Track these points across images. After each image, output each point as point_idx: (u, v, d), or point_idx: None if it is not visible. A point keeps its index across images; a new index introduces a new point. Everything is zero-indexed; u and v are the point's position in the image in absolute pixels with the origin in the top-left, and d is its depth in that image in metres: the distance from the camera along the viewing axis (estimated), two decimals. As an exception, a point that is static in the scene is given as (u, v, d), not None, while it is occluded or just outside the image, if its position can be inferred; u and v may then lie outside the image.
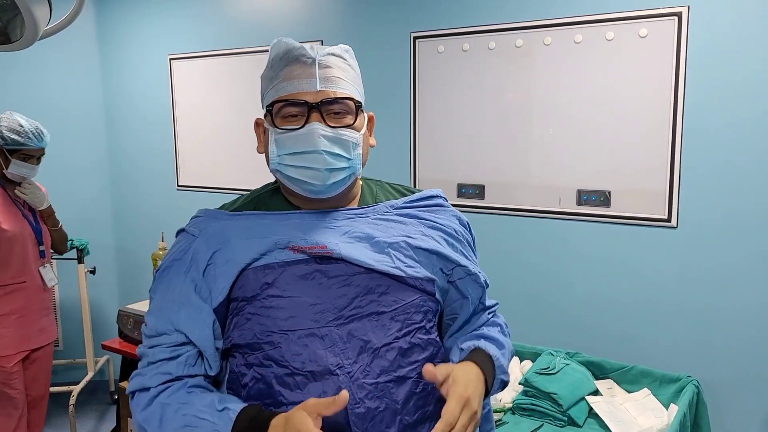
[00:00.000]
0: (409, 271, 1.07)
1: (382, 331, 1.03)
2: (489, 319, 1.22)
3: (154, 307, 1.08)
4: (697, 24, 2.10)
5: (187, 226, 1.15)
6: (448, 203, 1.23)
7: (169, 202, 3.69)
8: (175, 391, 1.02)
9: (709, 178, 2.14)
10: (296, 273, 1.04)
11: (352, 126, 1.07)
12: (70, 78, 3.80)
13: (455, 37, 2.57)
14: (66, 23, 1.59)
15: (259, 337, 1.01)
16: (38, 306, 2.62)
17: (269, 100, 1.08)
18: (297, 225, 1.08)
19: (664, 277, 2.25)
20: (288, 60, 1.05)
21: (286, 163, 1.05)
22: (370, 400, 0.98)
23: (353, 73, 1.10)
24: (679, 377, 2.15)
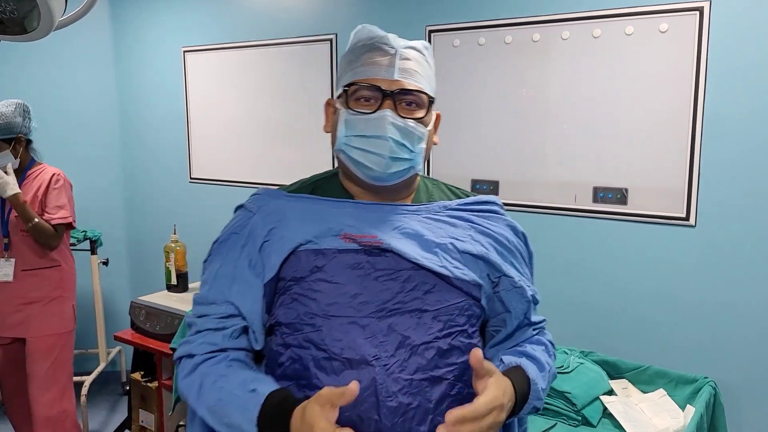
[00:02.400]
0: (456, 272, 1.07)
1: (422, 329, 1.03)
2: (533, 336, 1.19)
3: (208, 277, 1.13)
4: (719, 19, 2.06)
5: (246, 203, 1.18)
6: (504, 211, 1.21)
7: (181, 194, 3.70)
8: (216, 362, 1.04)
9: (729, 176, 2.10)
10: (346, 261, 1.06)
11: (422, 120, 1.09)
12: (84, 69, 3.82)
13: (471, 31, 2.54)
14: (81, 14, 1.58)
15: (303, 318, 1.04)
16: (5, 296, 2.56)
17: (346, 81, 1.09)
18: (350, 214, 1.10)
19: (682, 276, 2.22)
20: (370, 47, 1.08)
21: (353, 144, 1.07)
22: (403, 396, 0.99)
23: (429, 70, 1.12)
24: (696, 378, 2.12)
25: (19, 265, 2.56)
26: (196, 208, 3.63)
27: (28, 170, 2.61)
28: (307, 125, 3.10)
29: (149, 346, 2.81)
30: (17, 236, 2.55)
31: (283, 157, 3.22)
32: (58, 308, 2.65)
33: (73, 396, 2.76)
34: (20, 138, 2.55)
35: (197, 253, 3.41)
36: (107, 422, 3.43)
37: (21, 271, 2.57)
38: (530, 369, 1.08)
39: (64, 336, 2.68)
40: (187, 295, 3.05)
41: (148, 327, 2.87)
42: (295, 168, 3.17)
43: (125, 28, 3.81)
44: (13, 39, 1.47)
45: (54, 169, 2.65)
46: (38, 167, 2.64)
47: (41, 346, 2.62)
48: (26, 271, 2.57)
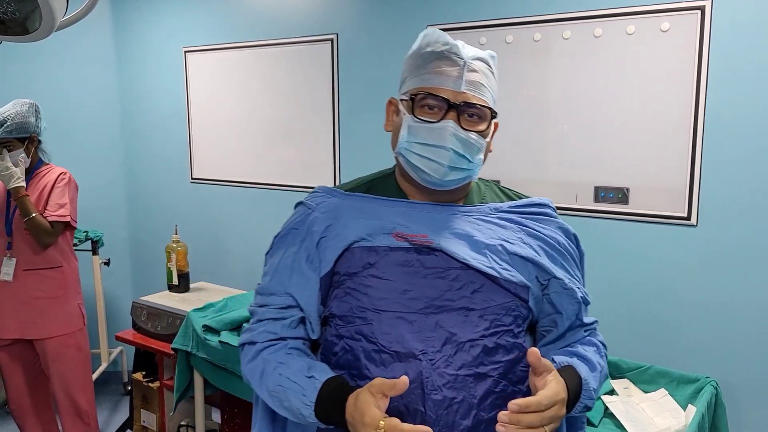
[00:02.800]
0: (504, 273, 1.10)
1: (469, 327, 1.07)
2: (584, 337, 1.20)
3: (269, 269, 1.20)
4: (721, 18, 2.05)
5: (306, 200, 1.23)
6: (556, 214, 1.22)
7: (182, 194, 3.70)
8: (277, 350, 1.13)
9: (730, 175, 2.10)
10: (397, 259, 1.10)
11: (483, 132, 1.12)
12: (85, 70, 3.82)
13: (472, 30, 2.54)
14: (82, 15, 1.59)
15: (354, 311, 1.10)
16: (5, 296, 2.56)
17: (411, 87, 1.11)
18: (403, 213, 1.14)
19: (683, 276, 2.22)
20: (439, 55, 1.09)
21: (414, 150, 1.10)
22: (448, 390, 1.03)
23: (494, 82, 1.14)
24: (697, 378, 2.12)
25: (21, 264, 2.56)
26: (197, 209, 3.63)
27: (36, 170, 2.62)
28: (308, 125, 3.10)
29: (151, 346, 2.82)
30: (20, 235, 2.55)
31: (285, 157, 3.22)
32: (60, 308, 2.65)
33: (92, 394, 2.79)
34: (33, 138, 2.57)
35: (199, 253, 3.43)
36: (109, 422, 3.44)
37: (22, 271, 2.57)
38: (582, 369, 1.10)
39: (74, 335, 2.69)
40: (188, 296, 3.05)
41: (150, 327, 2.87)
42: (297, 168, 3.17)
43: (127, 28, 3.81)
44: (15, 40, 1.48)
45: (60, 169, 2.65)
46: (45, 167, 2.65)
47: (51, 347, 2.63)
48: (27, 271, 2.57)
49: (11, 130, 2.45)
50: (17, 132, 2.48)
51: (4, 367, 2.67)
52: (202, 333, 2.46)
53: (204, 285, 3.27)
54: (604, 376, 1.17)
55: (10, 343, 2.63)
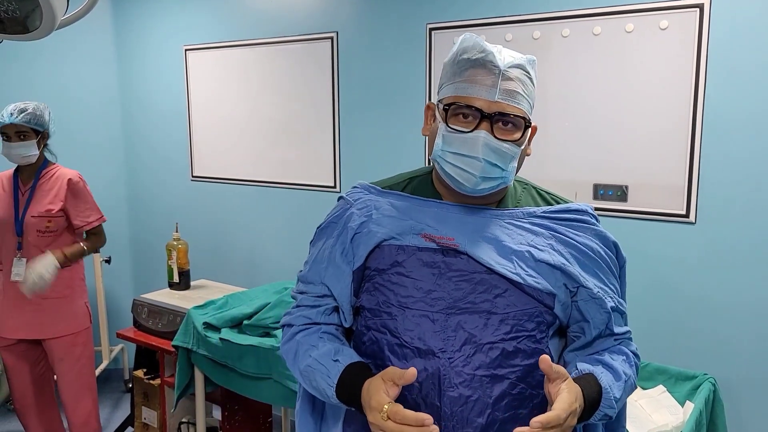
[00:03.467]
0: (528, 279, 1.09)
1: (489, 330, 1.09)
2: (614, 346, 1.18)
3: (310, 258, 1.27)
4: (720, 15, 2.06)
5: (346, 194, 1.27)
6: (596, 220, 1.20)
7: (183, 193, 3.71)
8: (310, 333, 1.20)
9: (728, 173, 2.11)
10: (423, 259, 1.13)
11: (517, 141, 1.12)
12: (86, 68, 3.83)
13: (471, 28, 2.54)
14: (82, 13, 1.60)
15: (381, 306, 1.15)
16: (15, 296, 2.57)
17: (447, 94, 1.11)
18: (434, 214, 1.16)
19: (682, 273, 2.22)
20: (475, 62, 1.08)
21: (447, 159, 1.10)
22: (464, 388, 1.07)
23: (531, 88, 1.13)
24: (696, 375, 2.13)
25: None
26: (197, 207, 3.64)
27: (43, 169, 2.63)
28: (308, 123, 3.11)
29: (152, 343, 2.83)
30: (32, 236, 2.56)
31: (285, 155, 3.23)
32: (68, 308, 2.67)
33: (96, 392, 2.82)
34: (45, 134, 2.61)
35: (199, 251, 3.44)
36: (110, 419, 3.45)
37: None
38: (603, 377, 1.08)
39: (81, 334, 2.71)
40: (189, 293, 3.06)
41: (151, 324, 2.88)
42: (297, 166, 3.18)
43: (127, 26, 3.82)
44: (16, 38, 1.49)
45: (70, 171, 2.67)
46: (53, 167, 2.66)
47: (59, 346, 2.65)
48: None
49: (29, 119, 2.50)
50: (34, 122, 2.52)
51: (10, 367, 2.68)
52: (203, 330, 2.47)
53: (204, 282, 3.28)
54: (630, 385, 1.16)
55: (17, 342, 2.64)
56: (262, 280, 3.28)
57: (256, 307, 2.55)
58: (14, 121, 2.46)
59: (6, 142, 2.50)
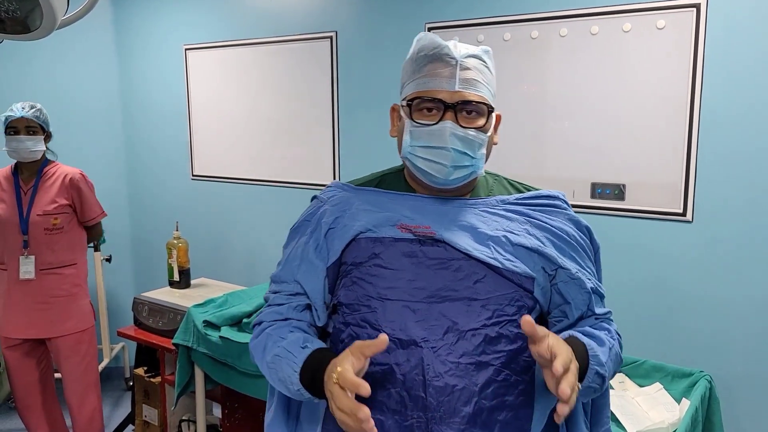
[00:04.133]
0: (506, 263, 1.11)
1: (471, 317, 1.08)
2: (597, 323, 1.19)
3: (284, 259, 1.26)
4: (716, 15, 2.07)
5: (320, 194, 1.29)
6: (567, 206, 1.22)
7: (183, 191, 3.72)
8: (280, 327, 1.18)
9: (725, 172, 2.12)
10: (401, 250, 1.13)
11: (482, 128, 1.13)
12: (86, 68, 3.84)
13: (470, 28, 2.56)
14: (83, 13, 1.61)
15: (360, 300, 1.13)
16: (21, 295, 2.60)
17: (409, 92, 1.14)
18: (409, 206, 1.18)
19: (679, 271, 2.24)
20: (432, 57, 1.11)
21: (417, 153, 1.13)
22: (449, 377, 1.05)
23: (490, 76, 1.15)
24: (692, 372, 2.14)
25: (38, 264, 2.59)
26: (198, 205, 3.65)
27: (44, 167, 2.66)
28: (308, 122, 3.12)
29: (152, 341, 2.84)
30: (39, 234, 2.58)
31: (285, 154, 3.24)
32: (75, 306, 2.69)
33: (100, 391, 2.85)
34: (49, 135, 2.66)
35: (199, 249, 3.45)
36: (111, 417, 3.46)
37: (40, 271, 2.60)
38: (586, 339, 1.08)
39: (87, 332, 2.74)
40: (189, 292, 3.07)
41: (151, 323, 2.89)
42: (297, 165, 3.19)
43: (127, 26, 3.83)
44: (16, 38, 1.50)
45: (72, 169, 2.70)
46: (53, 165, 2.69)
47: (65, 345, 2.67)
48: (44, 271, 2.61)
49: (38, 115, 2.58)
50: (42, 119, 2.59)
51: (14, 366, 2.69)
52: (203, 328, 2.48)
53: (204, 281, 3.29)
54: (616, 354, 1.15)
55: (22, 342, 2.66)
56: (261, 278, 3.30)
57: (256, 306, 2.57)
58: (26, 115, 2.53)
59: (14, 137, 2.53)
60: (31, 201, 2.58)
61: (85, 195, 2.69)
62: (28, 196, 2.59)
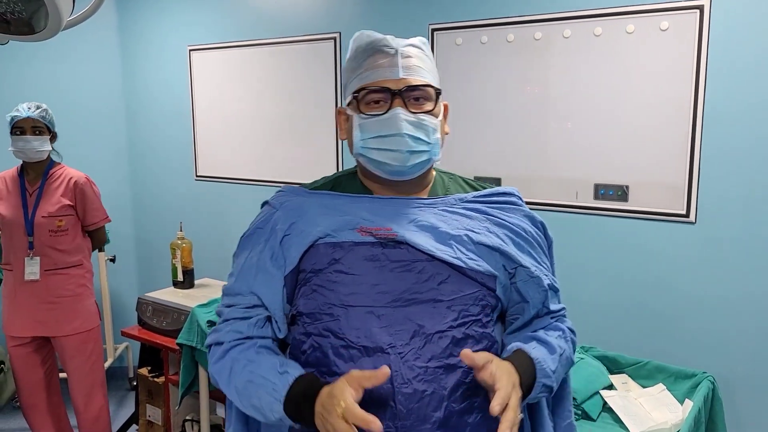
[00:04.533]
0: (470, 263, 1.10)
1: (437, 319, 1.06)
2: (551, 323, 1.19)
3: (236, 270, 1.19)
4: (719, 17, 2.07)
5: (271, 199, 1.24)
6: (522, 202, 1.23)
7: (187, 192, 3.73)
8: (245, 349, 1.11)
9: (728, 173, 2.12)
10: (362, 254, 1.10)
11: (432, 112, 1.13)
12: (90, 69, 3.85)
13: (473, 29, 2.56)
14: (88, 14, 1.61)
15: (322, 308, 1.09)
16: (27, 295, 2.61)
17: (354, 88, 1.13)
18: (367, 208, 1.15)
19: (682, 272, 2.24)
20: (371, 51, 1.11)
21: (370, 146, 1.11)
22: (418, 383, 1.02)
23: (430, 63, 1.15)
24: (695, 373, 2.14)
25: (44, 265, 2.60)
26: (201, 206, 3.66)
27: (50, 169, 2.68)
28: (311, 123, 3.12)
29: (156, 341, 2.85)
30: (44, 236, 2.59)
31: (288, 155, 3.24)
32: (81, 306, 2.70)
33: (106, 390, 2.86)
34: (55, 135, 2.67)
35: (203, 250, 3.46)
36: (115, 417, 3.47)
37: (45, 271, 2.61)
38: (533, 350, 1.09)
39: (93, 331, 2.75)
40: (193, 292, 3.08)
41: (155, 323, 2.90)
42: (300, 165, 3.20)
43: (131, 26, 3.84)
44: (22, 39, 1.50)
45: (77, 172, 2.71)
46: (59, 167, 2.70)
47: (71, 344, 2.68)
48: (50, 271, 2.62)
49: (44, 115, 2.59)
50: (48, 119, 2.60)
51: (19, 365, 2.70)
52: (207, 328, 2.49)
53: (208, 281, 3.30)
54: (566, 359, 1.16)
55: (28, 341, 2.67)
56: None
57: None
58: (32, 115, 2.54)
59: (20, 137, 2.54)
60: (36, 203, 2.59)
61: (89, 199, 2.70)
62: (33, 197, 2.60)
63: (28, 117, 2.54)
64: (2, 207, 2.61)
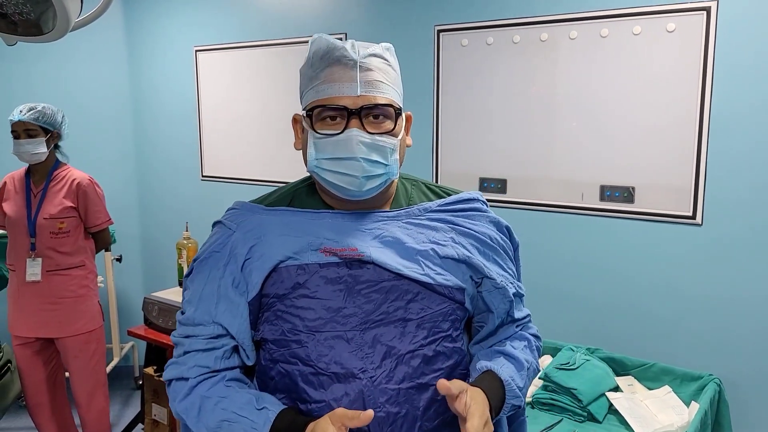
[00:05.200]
0: (438, 278, 1.06)
1: (407, 338, 1.03)
2: (516, 332, 1.18)
3: (192, 297, 1.09)
4: (726, 18, 2.06)
5: (224, 219, 1.15)
6: (486, 207, 1.19)
7: (193, 192, 3.74)
8: (214, 384, 1.04)
9: (735, 174, 2.11)
10: (327, 276, 1.04)
11: (392, 132, 1.05)
12: (97, 69, 3.86)
13: (479, 30, 2.56)
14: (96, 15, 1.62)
15: (287, 335, 1.04)
16: (30, 296, 2.62)
17: (308, 101, 1.06)
18: (329, 225, 1.08)
19: (688, 274, 2.23)
20: (329, 60, 1.02)
21: (324, 167, 1.04)
22: (391, 405, 1.00)
23: (394, 74, 1.07)
24: (701, 375, 2.13)
25: (45, 266, 2.61)
26: (207, 206, 3.67)
27: (54, 170, 2.67)
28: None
29: (162, 341, 2.85)
30: (45, 237, 2.60)
31: (294, 155, 3.22)
32: (84, 306, 2.71)
33: (107, 390, 2.87)
34: (55, 134, 2.64)
35: (209, 250, 3.46)
36: (120, 416, 3.48)
37: (47, 272, 2.61)
38: (505, 370, 1.07)
39: (96, 332, 2.75)
40: (198, 291, 3.08)
41: (161, 322, 2.91)
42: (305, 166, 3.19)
43: (138, 27, 3.86)
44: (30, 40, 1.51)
45: (81, 174, 2.70)
46: (63, 168, 2.70)
47: (73, 344, 2.68)
48: (51, 272, 2.62)
49: (38, 117, 2.54)
50: (42, 120, 2.55)
51: (24, 365, 2.72)
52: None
53: (214, 281, 3.30)
54: (533, 371, 1.15)
55: (32, 341, 2.68)
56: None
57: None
58: (23, 118, 2.52)
59: (16, 140, 2.55)
60: (39, 204, 2.60)
61: (91, 201, 2.68)
62: (37, 198, 2.61)
63: (19, 121, 2.52)
64: (8, 207, 2.62)
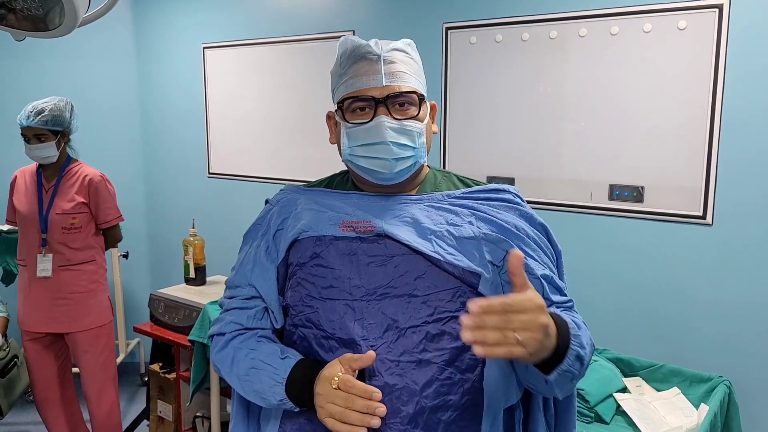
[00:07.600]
0: (448, 257, 1.09)
1: (410, 313, 1.07)
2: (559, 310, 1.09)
3: (237, 263, 1.26)
4: (738, 16, 2.04)
5: (271, 198, 1.31)
6: (521, 201, 1.20)
7: (200, 189, 3.75)
8: (247, 338, 1.17)
9: (746, 174, 2.09)
10: (341, 248, 1.13)
11: (416, 117, 1.14)
12: (105, 66, 3.87)
13: (488, 28, 2.54)
14: (104, 11, 1.61)
15: (304, 300, 1.13)
16: (40, 291, 2.63)
17: (339, 95, 1.16)
18: (354, 203, 1.18)
19: (698, 275, 2.21)
20: (355, 58, 1.13)
21: (357, 154, 1.14)
22: (389, 376, 1.04)
23: (416, 66, 1.17)
24: (711, 377, 2.11)
25: (56, 261, 2.62)
26: (214, 203, 3.67)
27: (66, 166, 2.68)
28: (324, 121, 3.11)
29: (168, 337, 2.86)
30: (57, 233, 2.60)
31: (301, 153, 3.24)
32: (94, 301, 2.71)
33: (117, 385, 2.87)
34: (65, 132, 2.63)
35: (215, 247, 3.47)
36: (126, 412, 3.49)
37: (57, 267, 2.62)
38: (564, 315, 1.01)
39: (105, 327, 2.76)
40: (205, 288, 3.09)
41: (167, 319, 2.91)
42: (312, 163, 3.19)
43: (146, 24, 3.86)
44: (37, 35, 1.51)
45: (93, 170, 2.71)
46: (75, 164, 2.71)
47: (83, 339, 2.69)
48: (62, 267, 2.63)
49: (47, 121, 2.53)
50: (52, 123, 2.55)
51: (34, 359, 2.72)
52: (218, 325, 2.49)
53: (220, 278, 3.30)
54: (588, 342, 1.05)
55: (44, 336, 2.69)
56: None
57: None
58: (30, 124, 2.51)
59: (26, 144, 2.55)
60: (51, 199, 2.60)
61: (102, 197, 2.69)
62: (48, 194, 2.62)
63: (28, 126, 2.52)
64: (20, 202, 2.63)
